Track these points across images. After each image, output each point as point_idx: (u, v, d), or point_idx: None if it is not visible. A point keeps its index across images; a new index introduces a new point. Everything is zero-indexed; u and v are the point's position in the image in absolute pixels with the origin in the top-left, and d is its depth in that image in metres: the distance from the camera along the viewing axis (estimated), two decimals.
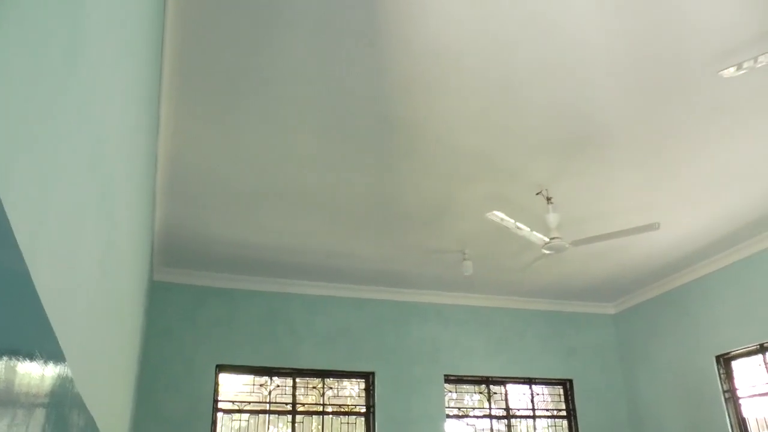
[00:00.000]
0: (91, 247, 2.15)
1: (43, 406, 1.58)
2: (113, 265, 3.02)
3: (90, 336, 2.50)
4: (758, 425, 7.44)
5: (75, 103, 1.47)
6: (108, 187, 2.33)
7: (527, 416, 8.95)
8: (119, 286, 3.49)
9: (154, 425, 7.18)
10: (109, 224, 2.55)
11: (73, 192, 1.61)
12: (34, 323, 1.27)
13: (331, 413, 8.11)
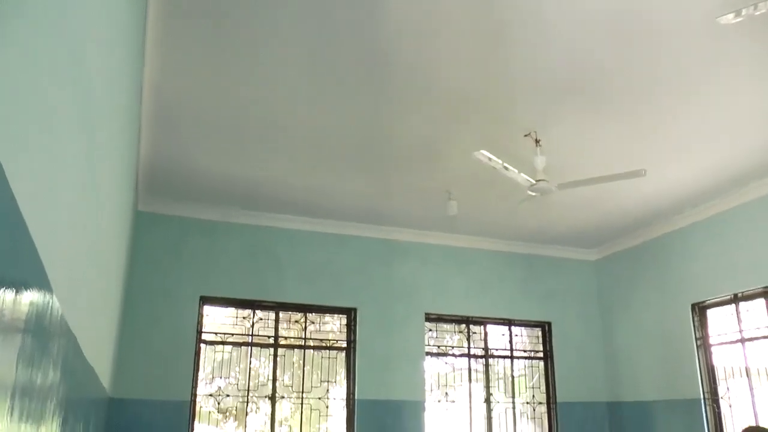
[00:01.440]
0: (71, 167, 2.12)
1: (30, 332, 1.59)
2: (95, 188, 2.99)
3: (73, 260, 2.49)
4: (725, 373, 7.64)
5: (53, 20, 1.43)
6: (88, 106, 2.29)
7: (505, 356, 9.13)
8: (102, 210, 3.47)
9: (139, 355, 7.26)
10: (89, 146, 2.51)
11: (52, 110, 1.58)
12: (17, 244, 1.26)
13: (313, 347, 8.23)
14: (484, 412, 8.79)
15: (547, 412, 9.10)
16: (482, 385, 8.88)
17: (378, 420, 8.03)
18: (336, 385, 8.24)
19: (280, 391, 7.94)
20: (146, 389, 7.22)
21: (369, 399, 8.05)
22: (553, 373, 9.15)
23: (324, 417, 8.13)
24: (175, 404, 7.31)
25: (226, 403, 7.81)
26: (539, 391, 9.18)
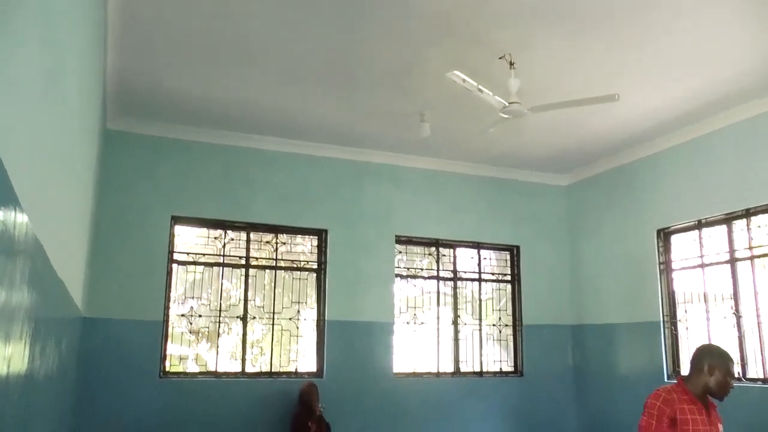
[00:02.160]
0: (33, 78, 2.08)
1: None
2: (60, 101, 2.94)
3: (39, 171, 2.46)
4: (684, 297, 7.89)
5: None
6: (48, 18, 2.22)
7: (473, 279, 9.29)
8: (68, 124, 3.41)
9: (111, 275, 7.27)
10: (52, 59, 2.46)
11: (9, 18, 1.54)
12: None
13: (284, 268, 8.29)
14: (452, 333, 9.00)
15: (513, 335, 9.34)
16: (450, 308, 9.07)
17: (348, 341, 8.19)
18: (307, 307, 8.35)
19: (251, 312, 8.03)
20: (119, 309, 7.26)
21: (339, 320, 8.18)
22: (520, 297, 9.35)
23: (295, 338, 8.27)
24: (148, 324, 7.37)
25: (198, 323, 7.90)
26: (506, 314, 9.40)
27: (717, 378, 3.77)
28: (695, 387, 3.82)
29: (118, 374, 7.15)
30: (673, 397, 3.75)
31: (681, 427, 3.70)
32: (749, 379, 6.89)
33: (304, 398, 7.21)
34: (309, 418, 7.11)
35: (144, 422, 7.16)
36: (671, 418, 3.70)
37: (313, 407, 7.14)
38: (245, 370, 7.89)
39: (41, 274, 2.85)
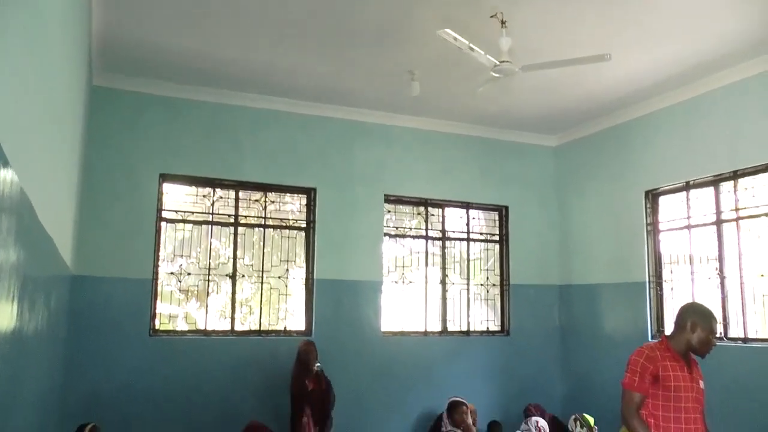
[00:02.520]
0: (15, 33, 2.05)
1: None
2: (43, 54, 2.90)
3: (24, 121, 2.44)
4: (670, 258, 7.97)
5: None
6: None
7: (462, 239, 9.34)
8: (53, 77, 3.37)
9: (99, 233, 7.25)
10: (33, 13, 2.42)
11: None
12: None
13: (273, 227, 8.30)
14: (439, 293, 9.07)
15: (500, 294, 9.43)
16: (438, 268, 9.12)
17: (336, 299, 8.24)
18: (295, 266, 8.38)
19: (240, 271, 8.05)
20: (108, 267, 7.26)
21: (327, 279, 8.22)
22: (508, 257, 9.41)
23: (283, 297, 8.32)
24: (137, 282, 7.38)
25: (187, 282, 7.91)
26: (493, 274, 9.47)
27: (699, 335, 3.83)
28: (678, 344, 3.88)
29: (108, 332, 7.18)
30: (656, 355, 3.82)
31: (663, 383, 3.77)
32: (730, 339, 7.01)
33: (302, 357, 7.20)
34: (306, 376, 7.11)
35: (134, 380, 7.22)
36: (654, 374, 3.77)
37: (309, 366, 7.14)
38: (234, 329, 7.94)
39: (29, 228, 2.84)
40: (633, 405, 3.81)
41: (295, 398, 7.07)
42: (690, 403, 3.81)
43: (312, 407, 7.04)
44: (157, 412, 7.25)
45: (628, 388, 3.84)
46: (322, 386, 7.13)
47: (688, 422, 3.78)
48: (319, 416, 7.08)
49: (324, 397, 7.12)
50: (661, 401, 3.79)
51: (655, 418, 3.80)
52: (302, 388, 7.07)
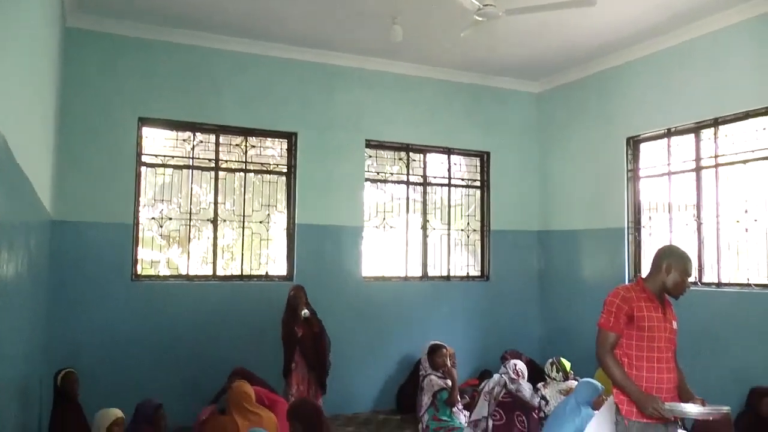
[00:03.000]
0: None
1: None
2: None
3: None
4: (649, 206, 8.05)
5: None
6: None
7: (443, 184, 9.36)
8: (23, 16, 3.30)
9: (78, 177, 7.17)
10: None
11: None
12: None
13: (254, 171, 8.26)
14: (420, 238, 9.12)
15: (481, 240, 9.51)
16: (419, 214, 9.16)
17: (317, 245, 8.27)
18: (277, 211, 8.38)
19: (222, 215, 8.04)
20: (88, 212, 7.22)
21: (309, 224, 8.24)
22: (489, 202, 9.46)
23: (265, 242, 8.33)
24: (118, 227, 7.36)
25: (168, 227, 7.88)
26: (474, 219, 9.53)
27: (673, 277, 3.90)
28: (653, 285, 3.95)
29: (90, 277, 7.18)
30: (632, 295, 3.89)
31: (637, 323, 3.85)
32: (704, 284, 7.15)
33: (291, 302, 7.16)
34: (295, 322, 7.07)
35: (116, 324, 7.26)
36: (628, 315, 3.85)
37: (298, 311, 7.09)
38: (216, 273, 7.97)
39: (5, 167, 2.81)
40: (607, 344, 3.89)
41: (285, 345, 7.09)
42: (663, 343, 3.89)
43: (304, 353, 7.05)
44: (140, 356, 7.31)
45: (603, 328, 3.92)
46: (313, 331, 7.08)
47: (660, 361, 3.87)
48: (314, 362, 7.07)
49: (316, 342, 7.09)
50: (635, 341, 3.87)
51: (628, 357, 3.89)
52: (291, 334, 7.05)
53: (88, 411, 5.85)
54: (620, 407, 3.92)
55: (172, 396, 5.98)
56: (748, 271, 6.84)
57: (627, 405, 3.86)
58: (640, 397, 3.76)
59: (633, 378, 3.85)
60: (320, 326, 7.17)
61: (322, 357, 7.15)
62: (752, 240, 6.79)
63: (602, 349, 3.90)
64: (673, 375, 3.95)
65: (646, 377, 3.84)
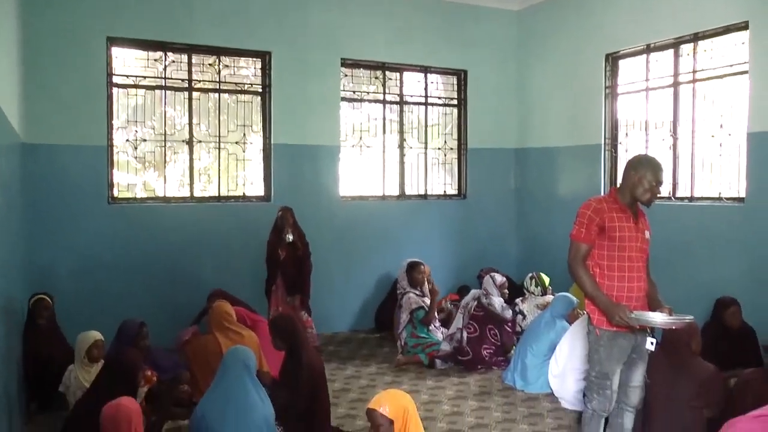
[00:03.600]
0: None
1: None
2: None
3: None
4: (626, 123, 8.06)
5: None
6: None
7: (420, 103, 9.28)
8: None
9: (48, 99, 7.00)
10: None
11: None
12: None
13: (228, 91, 8.12)
14: (398, 158, 9.11)
15: (458, 158, 9.52)
16: (396, 134, 9.10)
17: (294, 165, 8.23)
18: (252, 132, 8.28)
19: (197, 137, 7.94)
20: (61, 134, 7.10)
21: (285, 144, 8.17)
22: (466, 121, 9.42)
23: (241, 162, 8.27)
24: (92, 149, 7.25)
25: (143, 149, 7.78)
26: (451, 138, 9.51)
27: (644, 185, 3.93)
28: (625, 196, 3.99)
29: (66, 200, 7.13)
30: (603, 206, 3.93)
31: (609, 234, 3.91)
32: (678, 198, 7.27)
33: (277, 223, 7.15)
34: (279, 244, 7.08)
35: (94, 247, 7.25)
36: (600, 226, 3.90)
37: (283, 233, 7.08)
38: (194, 195, 7.93)
39: None
40: (579, 255, 3.95)
41: (267, 265, 7.12)
42: (634, 253, 3.96)
43: (284, 276, 7.08)
44: (119, 278, 7.33)
45: (575, 240, 3.97)
46: (297, 254, 7.10)
47: (631, 270, 3.95)
48: (294, 285, 7.11)
49: (298, 266, 7.13)
50: (606, 251, 3.94)
51: (600, 267, 3.97)
52: (273, 255, 7.08)
53: (68, 333, 5.93)
54: (591, 317, 4.03)
55: (152, 318, 6.01)
56: (720, 186, 6.95)
57: (598, 315, 3.96)
58: (609, 306, 3.84)
59: (604, 288, 3.93)
60: (305, 250, 7.19)
61: (303, 281, 7.20)
62: (726, 154, 6.86)
63: (574, 259, 3.97)
64: (644, 284, 4.04)
65: (617, 287, 3.93)
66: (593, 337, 4.05)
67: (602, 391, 4.05)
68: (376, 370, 6.94)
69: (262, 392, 4.26)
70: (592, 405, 4.11)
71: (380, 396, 3.55)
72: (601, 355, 4.02)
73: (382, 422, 3.40)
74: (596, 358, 4.05)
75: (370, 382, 6.53)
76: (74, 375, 5.17)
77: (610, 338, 3.97)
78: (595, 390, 4.09)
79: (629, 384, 4.17)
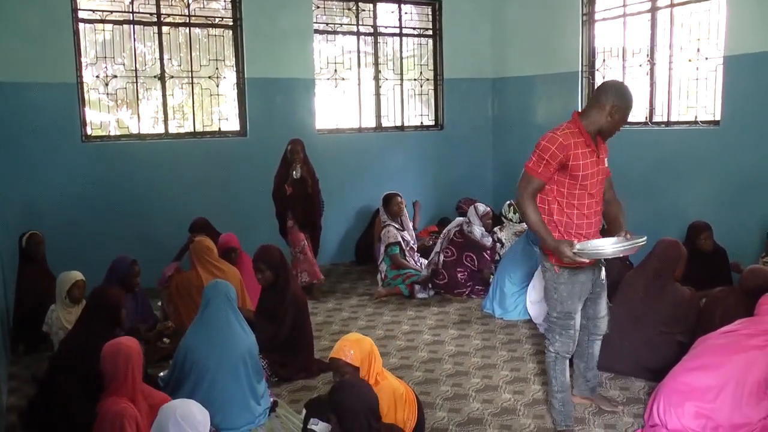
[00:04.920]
0: None
1: None
2: None
3: None
4: (603, 51, 7.98)
5: None
6: None
7: (394, 34, 9.13)
8: None
9: (11, 35, 6.80)
10: None
11: None
12: None
13: (198, 25, 7.92)
14: (373, 90, 9.01)
15: (434, 89, 9.43)
16: (371, 67, 8.98)
17: (269, 98, 8.13)
18: (225, 67, 8.12)
19: (169, 72, 7.77)
20: (27, 72, 6.91)
21: (259, 78, 8.04)
22: (441, 51, 9.29)
23: (215, 98, 8.14)
24: (61, 87, 7.09)
25: (114, 86, 7.61)
26: (427, 69, 9.40)
27: (614, 120, 3.68)
28: (590, 125, 3.71)
29: (38, 139, 7.00)
30: (570, 143, 3.62)
31: (572, 172, 3.65)
32: (654, 123, 7.30)
33: (287, 158, 6.96)
34: (285, 179, 6.93)
35: (68, 186, 7.17)
36: (562, 163, 3.63)
37: (290, 168, 6.91)
38: (168, 132, 7.83)
39: None
40: (530, 189, 3.68)
41: (274, 202, 7.02)
42: (595, 188, 3.77)
43: (294, 213, 6.96)
44: (97, 217, 7.29)
45: (531, 173, 3.69)
46: (306, 190, 6.97)
47: (590, 207, 3.77)
48: (303, 223, 7.03)
49: (307, 203, 7.01)
50: (566, 189, 3.71)
51: (559, 204, 3.75)
52: (278, 190, 6.94)
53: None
54: (548, 255, 3.80)
55: (133, 255, 6.00)
56: (695, 110, 6.97)
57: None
58: (554, 244, 3.62)
59: (562, 225, 3.75)
60: (315, 187, 7.06)
61: (314, 220, 7.12)
62: (702, 78, 6.85)
63: (525, 192, 3.70)
64: (600, 218, 3.90)
65: (575, 224, 3.75)
66: (551, 275, 3.84)
67: (565, 332, 3.89)
68: (357, 302, 7.03)
69: (244, 324, 4.29)
70: (555, 347, 3.93)
71: (342, 343, 3.50)
72: (561, 294, 3.83)
73: (348, 370, 3.39)
74: (557, 297, 3.85)
75: (352, 314, 6.62)
76: (56, 315, 5.19)
77: (571, 274, 3.79)
78: (557, 331, 3.91)
79: (597, 316, 4.11)
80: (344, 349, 3.44)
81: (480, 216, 7.21)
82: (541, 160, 3.64)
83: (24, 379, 5.09)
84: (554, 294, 3.87)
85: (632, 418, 4.23)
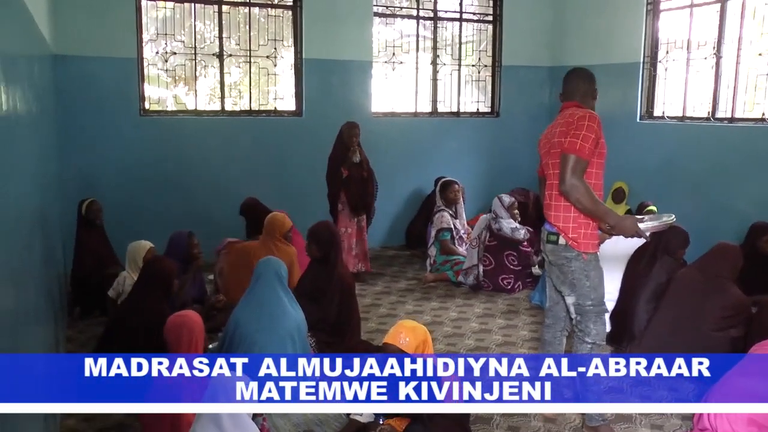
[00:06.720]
0: None
1: None
2: None
3: None
4: (667, 42, 7.75)
5: None
6: None
7: (454, 19, 9.05)
8: None
9: (76, 11, 6.92)
10: None
11: None
12: None
13: (259, 5, 7.96)
14: (430, 74, 8.95)
15: (492, 76, 9.32)
16: (429, 52, 8.91)
17: (325, 79, 8.14)
18: (283, 47, 8.16)
19: (228, 50, 7.84)
20: (90, 46, 7.04)
21: (316, 59, 8.05)
22: (501, 37, 9.17)
23: (272, 77, 8.20)
24: (122, 62, 7.20)
25: (173, 63, 7.72)
26: (485, 55, 9.29)
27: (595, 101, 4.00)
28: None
29: (98, 112, 7.13)
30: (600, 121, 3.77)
31: (600, 150, 3.75)
32: (717, 119, 7.08)
33: (343, 140, 6.85)
34: (342, 162, 6.84)
35: (127, 158, 7.30)
36: (597, 141, 3.70)
37: (347, 151, 6.82)
38: (224, 109, 7.92)
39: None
40: (580, 172, 3.61)
41: (328, 184, 6.98)
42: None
43: (348, 195, 6.91)
44: (150, 189, 7.41)
45: (582, 156, 3.61)
46: (362, 174, 6.92)
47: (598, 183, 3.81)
48: (358, 206, 6.99)
49: (363, 187, 6.96)
50: (594, 169, 3.75)
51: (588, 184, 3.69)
52: (333, 174, 6.90)
53: None
54: (575, 242, 3.75)
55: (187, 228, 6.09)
56: (762, 106, 6.74)
57: (584, 238, 3.74)
58: (620, 220, 3.69)
59: None
60: (369, 170, 7.02)
61: (368, 201, 7.07)
62: None
63: (577, 176, 3.59)
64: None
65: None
66: (580, 263, 3.79)
67: (599, 318, 3.87)
68: (406, 286, 7.03)
69: (293, 301, 4.32)
70: (592, 336, 3.85)
71: (398, 329, 3.51)
72: (594, 280, 3.82)
73: None
74: (589, 285, 3.81)
75: (400, 298, 6.62)
76: (128, 282, 5.22)
77: (596, 259, 3.84)
78: (592, 319, 3.85)
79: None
80: (400, 335, 3.45)
81: (506, 208, 6.95)
82: (587, 141, 3.62)
83: (80, 342, 5.24)
84: (586, 282, 3.82)
85: (680, 420, 4.14)
